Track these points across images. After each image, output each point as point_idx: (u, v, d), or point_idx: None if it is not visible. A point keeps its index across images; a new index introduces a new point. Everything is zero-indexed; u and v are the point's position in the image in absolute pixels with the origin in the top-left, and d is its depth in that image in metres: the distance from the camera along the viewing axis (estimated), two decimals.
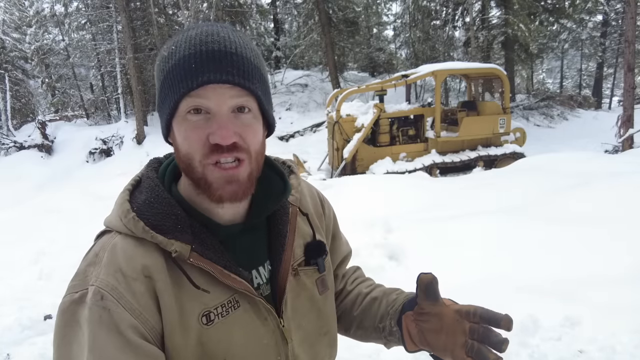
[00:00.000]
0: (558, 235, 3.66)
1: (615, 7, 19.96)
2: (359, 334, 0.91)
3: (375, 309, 0.86)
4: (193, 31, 0.64)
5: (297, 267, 0.76)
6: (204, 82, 0.60)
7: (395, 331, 0.80)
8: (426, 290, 0.73)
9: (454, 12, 17.56)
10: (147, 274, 0.62)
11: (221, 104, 0.62)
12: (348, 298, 0.93)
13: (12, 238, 6.61)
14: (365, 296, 0.90)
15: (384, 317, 0.83)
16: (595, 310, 2.68)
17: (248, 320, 0.68)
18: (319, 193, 0.92)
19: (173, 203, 0.66)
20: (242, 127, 0.64)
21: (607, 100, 23.12)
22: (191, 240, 0.64)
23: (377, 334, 0.86)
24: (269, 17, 20.44)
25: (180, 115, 0.63)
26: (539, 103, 16.38)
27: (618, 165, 5.43)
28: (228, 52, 0.62)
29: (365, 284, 0.94)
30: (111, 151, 14.08)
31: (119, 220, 0.65)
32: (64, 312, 0.60)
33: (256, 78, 0.65)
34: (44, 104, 20.99)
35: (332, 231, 0.91)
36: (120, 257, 0.62)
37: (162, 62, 0.65)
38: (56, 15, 17.74)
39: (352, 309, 0.90)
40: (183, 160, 0.65)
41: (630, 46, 9.59)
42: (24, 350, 3.36)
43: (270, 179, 0.77)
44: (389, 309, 0.83)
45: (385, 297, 0.87)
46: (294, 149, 12.12)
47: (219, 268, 0.64)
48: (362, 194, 5.79)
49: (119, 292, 0.60)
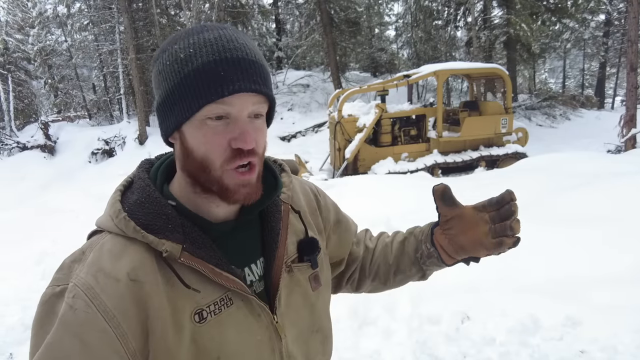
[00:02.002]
0: (559, 235, 3.66)
1: (618, 6, 19.90)
2: (398, 279, 0.96)
3: (409, 247, 0.93)
4: (208, 34, 0.64)
5: (290, 263, 0.77)
6: (235, 91, 0.62)
7: (433, 251, 0.87)
8: (443, 197, 0.81)
9: (455, 12, 17.52)
10: (133, 277, 0.61)
11: (243, 111, 0.64)
12: (376, 254, 0.98)
13: (16, 238, 6.64)
14: (392, 243, 0.96)
15: (417, 248, 0.90)
16: (597, 310, 2.68)
17: (241, 317, 0.68)
18: (313, 187, 0.92)
19: (164, 203, 0.67)
20: (257, 132, 0.66)
21: (609, 100, 23.06)
22: (182, 240, 0.64)
23: (416, 268, 0.92)
24: (270, 18, 20.45)
25: (198, 120, 0.63)
26: (541, 103, 16.33)
27: (620, 165, 5.42)
28: (251, 61, 0.64)
29: (385, 236, 1.01)
30: (114, 152, 14.10)
31: (110, 220, 0.66)
32: (44, 303, 0.61)
33: (269, 83, 0.68)
34: (46, 104, 21.05)
35: (334, 218, 0.93)
36: (105, 258, 0.62)
37: (177, 64, 0.63)
38: (59, 16, 17.80)
39: (386, 259, 0.96)
40: (198, 163, 0.65)
41: (633, 46, 9.55)
42: (27, 351, 3.37)
43: (263, 176, 0.78)
44: (419, 238, 0.91)
45: (411, 234, 0.94)
46: (296, 149, 12.12)
47: (210, 267, 0.65)
48: (363, 194, 5.79)
49: (94, 292, 0.59)
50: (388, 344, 2.73)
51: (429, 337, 2.67)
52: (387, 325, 2.86)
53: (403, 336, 2.75)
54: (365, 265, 0.99)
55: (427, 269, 0.91)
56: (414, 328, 2.75)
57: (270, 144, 0.79)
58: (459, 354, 2.54)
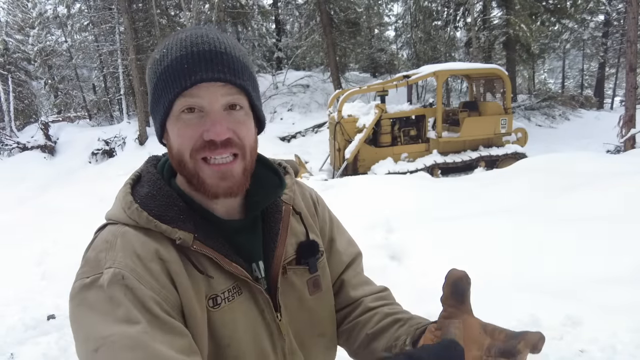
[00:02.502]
0: (559, 235, 3.66)
1: (617, 7, 19.90)
2: (363, 355, 0.81)
3: (395, 330, 0.76)
4: (182, 34, 0.67)
5: (286, 265, 0.76)
6: (197, 81, 0.62)
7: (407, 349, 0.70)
8: (455, 287, 0.61)
9: (455, 12, 17.55)
10: (160, 257, 0.63)
11: (214, 102, 0.64)
12: (365, 315, 0.83)
13: (16, 239, 6.65)
14: (387, 316, 0.80)
15: (399, 337, 0.73)
16: (596, 309, 2.69)
17: (249, 308, 0.69)
18: (314, 195, 0.91)
19: (174, 195, 0.69)
20: (235, 124, 0.66)
21: (609, 100, 23.07)
22: (194, 230, 0.65)
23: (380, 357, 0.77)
24: (270, 18, 20.45)
25: (174, 115, 0.65)
26: (540, 103, 16.35)
27: (620, 165, 5.42)
28: (218, 52, 0.64)
29: (389, 307, 0.83)
30: (114, 152, 14.10)
31: (123, 212, 0.67)
32: (73, 297, 0.61)
33: (246, 75, 0.67)
34: (46, 105, 21.06)
35: (330, 234, 0.88)
36: (134, 242, 0.64)
37: (154, 65, 0.67)
38: (59, 17, 17.80)
39: (365, 324, 0.81)
40: (175, 157, 0.67)
41: (632, 46, 9.56)
42: (28, 350, 3.38)
43: (263, 175, 0.78)
44: (411, 329, 0.73)
45: (412, 319, 0.76)
46: (296, 149, 12.12)
47: (220, 255, 0.66)
48: (363, 194, 5.79)
49: (137, 272, 0.60)
50: None
51: None
52: None
53: None
54: (348, 315, 0.85)
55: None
56: None
57: (270, 144, 0.78)
58: None
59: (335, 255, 0.87)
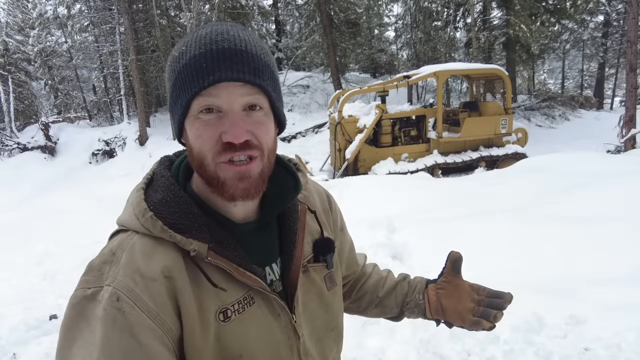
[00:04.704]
0: (561, 234, 3.67)
1: (617, 7, 19.95)
2: (375, 311, 1.02)
3: (400, 290, 1.00)
4: (203, 30, 0.64)
5: (306, 263, 0.77)
6: (215, 81, 0.60)
7: (421, 303, 0.96)
8: (455, 263, 0.91)
9: (455, 13, 17.57)
10: (167, 274, 0.62)
11: (232, 102, 0.62)
12: (369, 282, 1.02)
13: (17, 239, 6.64)
14: (387, 279, 1.02)
15: (408, 294, 0.98)
16: (600, 308, 2.69)
17: (262, 316, 0.68)
18: (323, 189, 0.93)
19: (189, 201, 0.66)
20: (254, 125, 0.64)
21: (608, 100, 23.09)
22: (208, 239, 0.64)
23: (398, 309, 0.99)
24: (270, 19, 20.47)
25: (193, 115, 0.64)
26: (540, 103, 16.38)
27: (620, 165, 5.43)
28: (238, 50, 0.62)
29: (379, 269, 1.07)
30: (114, 152, 14.11)
31: (136, 220, 0.65)
32: (73, 306, 0.60)
33: (266, 75, 0.65)
34: (47, 105, 21.06)
35: (340, 224, 0.94)
36: (138, 258, 0.62)
37: (173, 63, 0.65)
38: (59, 18, 17.81)
39: (375, 290, 1.01)
40: (195, 159, 0.65)
41: (632, 46, 9.58)
42: (30, 350, 3.38)
43: (281, 176, 0.77)
44: (413, 286, 0.99)
45: (404, 279, 1.02)
46: (296, 149, 12.13)
47: (234, 266, 0.65)
48: (364, 194, 5.80)
49: (135, 294, 0.59)
50: (392, 343, 2.73)
51: (433, 335, 2.68)
52: (391, 324, 2.87)
53: (407, 335, 2.75)
54: (355, 285, 1.02)
55: (406, 314, 0.99)
56: (418, 326, 2.75)
57: None
58: (463, 352, 2.54)
59: (346, 241, 0.96)
